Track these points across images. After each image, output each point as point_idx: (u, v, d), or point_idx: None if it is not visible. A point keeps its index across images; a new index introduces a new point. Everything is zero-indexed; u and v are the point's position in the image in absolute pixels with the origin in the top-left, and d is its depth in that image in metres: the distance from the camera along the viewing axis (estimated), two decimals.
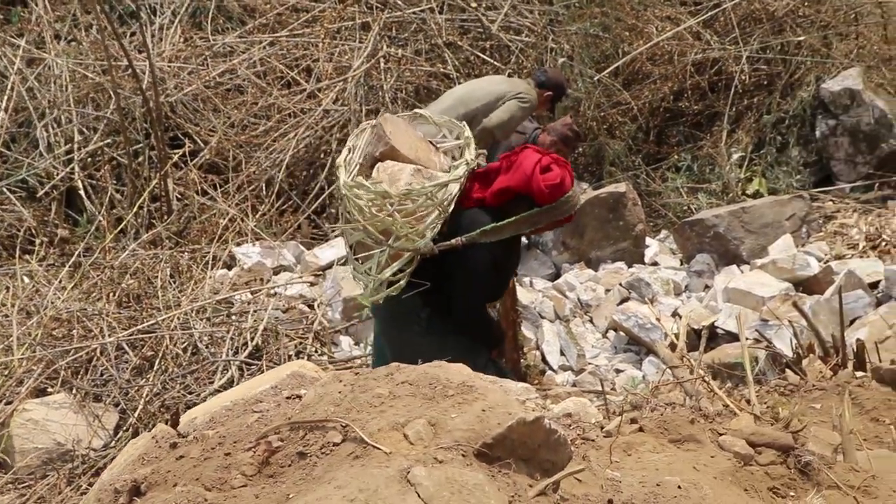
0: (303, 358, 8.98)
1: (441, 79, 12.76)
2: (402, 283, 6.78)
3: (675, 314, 10.09)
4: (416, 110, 7.84)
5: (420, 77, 12.97)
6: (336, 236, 11.57)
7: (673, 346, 9.02)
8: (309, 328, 9.47)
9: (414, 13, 13.30)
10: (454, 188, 6.78)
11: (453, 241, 6.70)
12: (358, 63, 12.68)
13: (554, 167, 6.73)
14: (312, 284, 10.47)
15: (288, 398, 3.83)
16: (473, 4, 13.52)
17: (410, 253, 6.74)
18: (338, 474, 3.31)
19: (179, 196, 11.60)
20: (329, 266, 10.88)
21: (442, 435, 3.41)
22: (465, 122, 7.47)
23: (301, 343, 9.25)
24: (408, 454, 3.35)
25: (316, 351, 9.24)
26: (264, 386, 4.11)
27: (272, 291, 9.96)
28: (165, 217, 11.30)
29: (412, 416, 3.49)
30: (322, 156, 12.32)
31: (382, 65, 12.81)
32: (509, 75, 12.33)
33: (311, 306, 9.94)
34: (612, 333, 10.09)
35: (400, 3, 13.37)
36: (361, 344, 9.53)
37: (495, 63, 12.92)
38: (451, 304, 6.96)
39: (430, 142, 7.32)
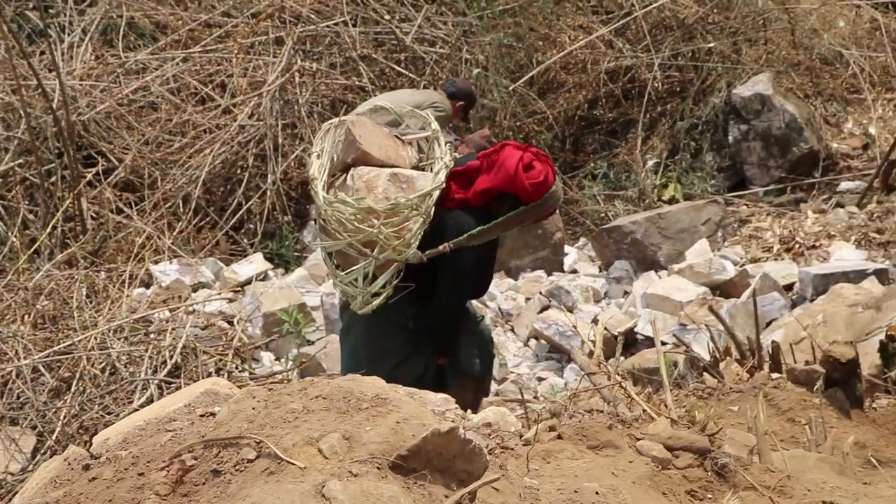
0: (223, 375, 8.92)
1: (357, 91, 12.74)
2: (390, 291, 6.81)
3: (594, 321, 10.12)
4: (377, 103, 7.97)
5: (335, 90, 12.94)
6: (254, 252, 11.52)
7: (591, 353, 9.06)
8: (229, 345, 9.38)
9: (328, 27, 13.27)
10: (436, 194, 6.77)
11: (441, 247, 6.73)
12: (272, 78, 12.62)
13: (536, 164, 6.75)
14: (231, 301, 10.43)
15: (202, 416, 3.79)
16: (387, 17, 13.52)
17: (397, 264, 6.78)
18: (252, 491, 3.28)
19: (94, 215, 11.49)
20: (248, 282, 10.85)
21: (356, 448, 3.39)
22: (428, 112, 7.56)
23: (221, 360, 9.18)
24: (322, 468, 3.33)
25: (236, 367, 9.16)
26: (177, 404, 4.06)
27: (191, 309, 9.88)
28: (80, 237, 11.15)
29: (326, 430, 3.47)
30: (239, 171, 12.25)
31: (297, 79, 12.76)
32: (424, 87, 12.35)
33: (230, 322, 9.87)
34: (533, 342, 10.12)
35: (313, 17, 13.32)
36: (282, 359, 9.49)
37: (410, 75, 12.92)
38: (434, 301, 6.97)
39: (396, 136, 7.33)
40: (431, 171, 6.99)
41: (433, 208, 6.77)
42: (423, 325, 7.03)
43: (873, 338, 8.26)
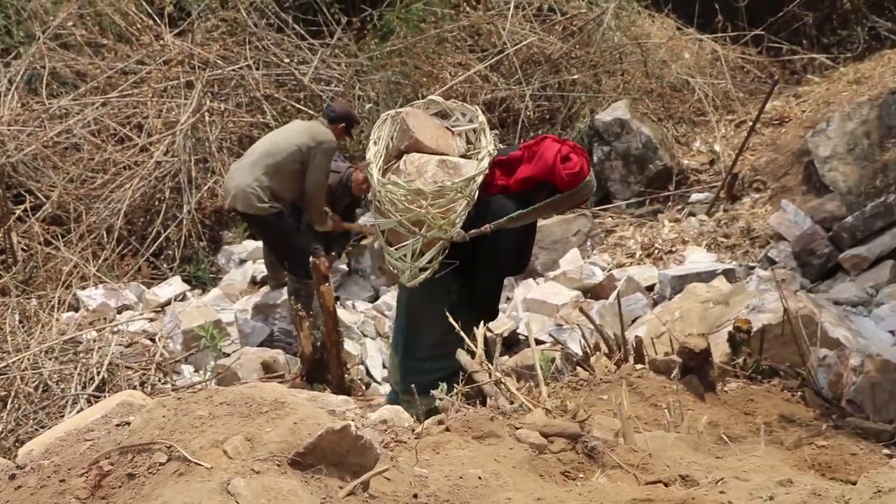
0: (147, 388, 8.86)
1: (261, 128, 12.67)
2: (436, 266, 6.96)
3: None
4: (430, 97, 7.92)
5: (242, 127, 12.89)
6: (173, 275, 11.44)
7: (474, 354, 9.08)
8: (151, 360, 9.36)
9: (233, 70, 13.20)
10: (480, 179, 6.88)
11: (483, 228, 6.82)
12: (185, 118, 12.51)
13: (573, 156, 6.82)
14: (153, 320, 10.38)
15: (117, 425, 3.75)
16: (286, 60, 13.49)
17: (443, 241, 6.90)
18: (164, 491, 3.25)
19: (24, 248, 11.31)
20: (168, 303, 10.81)
21: (258, 448, 3.38)
22: (476, 107, 7.58)
23: (145, 374, 9.11)
24: (227, 468, 3.31)
25: (159, 380, 9.11)
26: (95, 416, 4.02)
27: (116, 329, 9.80)
28: (11, 268, 10.98)
29: (230, 433, 3.45)
30: (157, 203, 12.13)
31: (207, 118, 12.67)
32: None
33: (152, 340, 9.86)
34: None
35: (220, 62, 13.25)
36: (201, 371, 9.43)
37: (310, 111, 12.85)
38: (475, 277, 7.09)
39: (447, 127, 7.38)
40: (477, 159, 7.06)
41: (477, 193, 6.88)
42: (466, 299, 7.12)
43: (723, 330, 8.37)
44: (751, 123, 11.98)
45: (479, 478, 4.18)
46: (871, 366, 7.92)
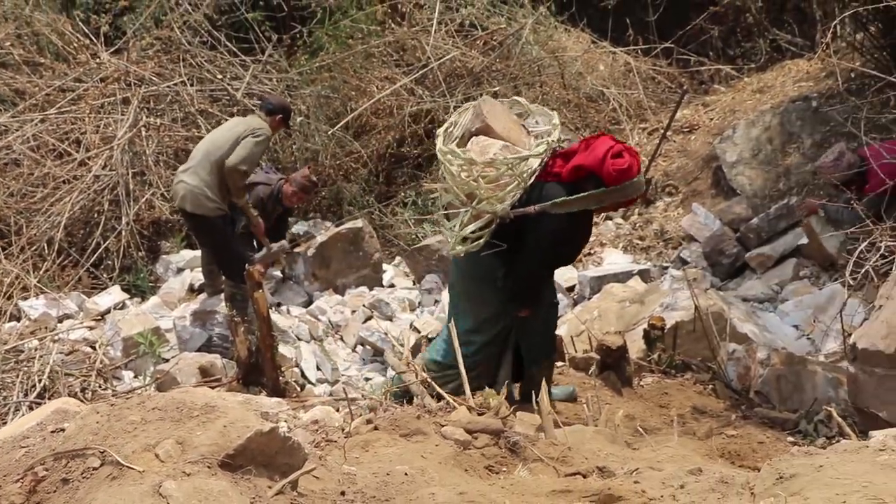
0: (88, 394, 8.75)
1: (197, 142, 12.45)
2: (481, 242, 6.78)
3: (411, 327, 10.16)
4: (515, 98, 7.72)
5: (178, 141, 12.77)
6: (113, 284, 11.33)
7: (401, 355, 9.09)
8: (92, 367, 9.22)
9: (168, 87, 13.07)
10: (534, 162, 6.69)
11: (528, 208, 6.64)
12: (122, 133, 12.38)
13: (625, 154, 6.61)
14: (93, 328, 10.24)
15: (52, 432, 3.69)
16: (220, 76, 13.39)
17: (489, 215, 6.71)
18: (98, 495, 3.21)
19: None
20: (108, 311, 10.67)
21: (189, 451, 3.35)
22: (554, 112, 7.37)
23: (85, 380, 8.99)
24: (159, 471, 3.28)
25: (99, 386, 9.00)
26: (31, 423, 3.95)
27: (56, 337, 9.67)
28: None
29: (162, 437, 3.41)
30: (96, 215, 11.98)
31: (144, 133, 12.55)
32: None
33: (93, 347, 9.71)
34: (360, 348, 10.12)
35: (155, 79, 13.12)
36: (141, 376, 9.34)
37: None
38: (518, 261, 6.85)
39: (524, 125, 7.17)
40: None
41: (532, 178, 6.72)
42: (509, 285, 6.91)
43: (639, 327, 8.42)
44: (662, 131, 12.06)
45: (406, 474, 4.17)
46: (777, 358, 8.01)
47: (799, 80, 13.10)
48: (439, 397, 6.39)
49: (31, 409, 8.14)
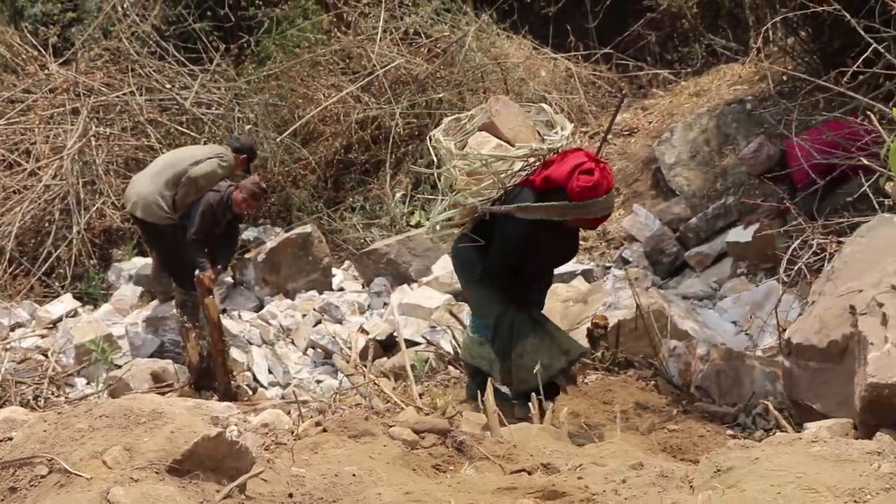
0: (40, 401, 8.67)
1: (146, 150, 12.49)
2: (453, 231, 6.92)
3: (361, 330, 10.13)
4: (542, 105, 7.61)
5: (128, 150, 12.68)
6: (65, 293, 11.24)
7: (348, 358, 9.09)
8: (44, 374, 9.13)
9: (117, 97, 12.98)
10: (516, 165, 6.64)
11: (495, 208, 6.60)
12: (72, 143, 12.26)
13: (595, 172, 6.41)
14: (45, 336, 10.15)
15: (1, 441, 3.65)
16: (168, 86, 13.30)
17: (461, 207, 6.77)
18: (46, 502, 3.18)
19: None
20: (60, 319, 10.58)
21: (136, 457, 3.32)
22: (571, 124, 7.28)
23: (38, 388, 8.90)
24: (107, 477, 3.25)
25: (52, 394, 8.91)
26: None
27: (8, 346, 9.57)
28: None
29: (109, 444, 3.38)
30: (47, 224, 11.91)
31: (94, 143, 12.43)
32: (205, 142, 12.20)
33: (45, 355, 9.63)
34: (311, 351, 10.09)
35: (104, 89, 13.01)
36: (93, 383, 9.27)
37: (192, 134, 12.71)
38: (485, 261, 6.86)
39: (539, 132, 7.05)
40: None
41: (513, 180, 6.67)
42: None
43: (582, 326, 8.42)
44: (603, 135, 12.09)
45: (354, 475, 4.16)
46: (716, 354, 8.06)
47: (733, 83, 13.21)
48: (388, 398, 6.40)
49: None
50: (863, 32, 7.30)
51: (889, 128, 5.21)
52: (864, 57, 7.38)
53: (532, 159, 6.73)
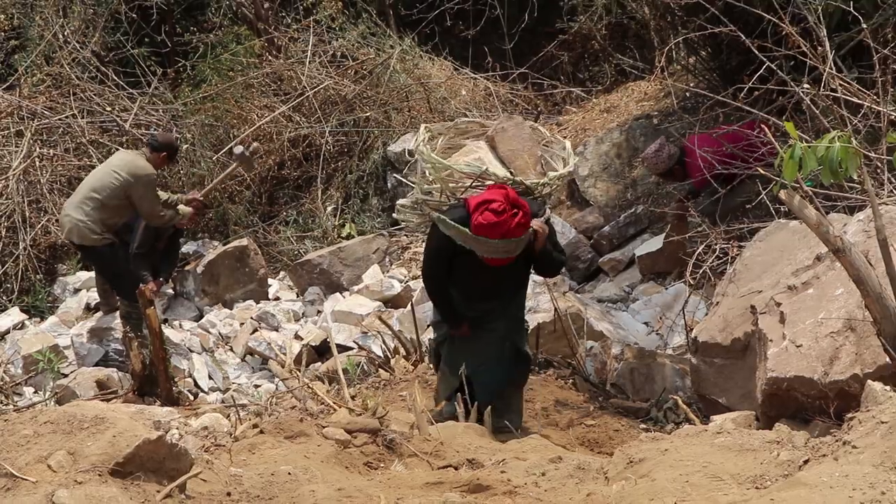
0: None
1: (89, 170, 12.12)
2: (409, 218, 6.76)
3: (296, 336, 10.10)
4: (565, 141, 7.07)
5: (71, 170, 12.52)
6: (12, 306, 11.11)
7: (283, 363, 9.05)
8: None
9: (60, 119, 12.83)
10: (462, 181, 6.27)
11: (431, 210, 6.35)
12: (16, 163, 12.09)
13: (504, 215, 5.87)
14: None
15: None
16: (109, 108, 13.17)
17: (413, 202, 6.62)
18: None
19: None
20: (8, 331, 10.49)
21: (80, 461, 3.29)
22: (569, 169, 6.80)
23: None
24: (52, 481, 3.22)
25: (1, 402, 8.78)
26: None
27: None
28: None
29: (54, 448, 3.35)
30: None
31: (38, 163, 12.27)
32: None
33: None
34: (249, 357, 10.02)
35: (47, 112, 12.86)
36: (41, 391, 9.15)
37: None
38: None
39: (542, 163, 6.68)
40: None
41: (457, 190, 6.30)
42: None
43: None
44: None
45: (289, 473, 4.16)
46: (630, 353, 8.14)
47: (641, 100, 13.33)
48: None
49: None
50: (757, 52, 7.39)
51: (782, 140, 5.29)
52: (758, 74, 7.47)
53: (486, 180, 6.29)
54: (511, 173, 6.46)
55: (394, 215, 7.03)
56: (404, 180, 7.67)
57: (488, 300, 6.52)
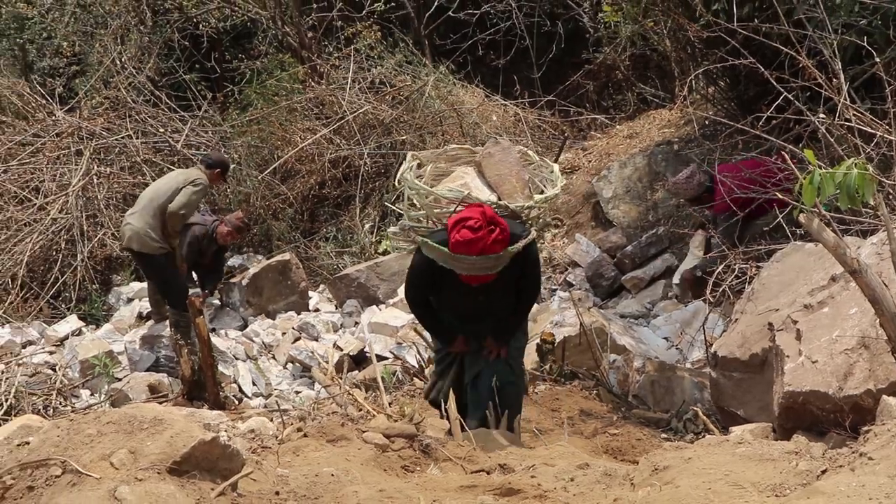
0: (50, 410, 8.59)
1: (143, 187, 12.30)
2: (396, 245, 6.50)
3: (335, 346, 10.10)
4: (553, 165, 6.66)
5: (126, 187, 12.65)
6: (70, 314, 11.20)
7: (325, 371, 9.05)
8: (53, 387, 9.07)
9: (116, 140, 12.99)
10: (447, 206, 5.87)
11: (415, 235, 6.03)
12: (76, 181, 12.26)
13: (481, 231, 5.50)
14: (53, 353, 10.08)
15: (18, 445, 3.59)
16: (161, 130, 13.32)
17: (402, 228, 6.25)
18: (60, 500, 3.17)
19: None
20: (66, 337, 10.55)
21: (140, 459, 3.30)
22: (555, 192, 6.29)
23: (47, 399, 8.83)
24: (114, 477, 3.23)
25: (60, 404, 8.84)
26: None
27: (20, 361, 9.49)
28: None
29: (116, 447, 3.36)
30: (54, 253, 11.90)
31: (95, 181, 12.43)
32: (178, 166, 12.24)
33: (54, 369, 9.57)
34: (290, 365, 10.02)
35: (105, 133, 13.03)
36: (97, 394, 9.20)
37: None
38: None
39: (530, 186, 6.26)
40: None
41: (442, 216, 5.88)
42: None
43: (532, 342, 8.41)
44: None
45: (332, 475, 4.14)
46: (651, 366, 8.10)
47: (662, 127, 13.30)
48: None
49: None
50: (775, 83, 7.36)
51: (800, 166, 5.27)
52: (776, 104, 7.45)
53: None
54: (498, 198, 6.10)
55: (383, 243, 6.76)
56: (392, 207, 7.32)
57: (480, 320, 6.20)
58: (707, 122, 11.71)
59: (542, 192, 6.28)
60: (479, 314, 6.14)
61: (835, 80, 6.95)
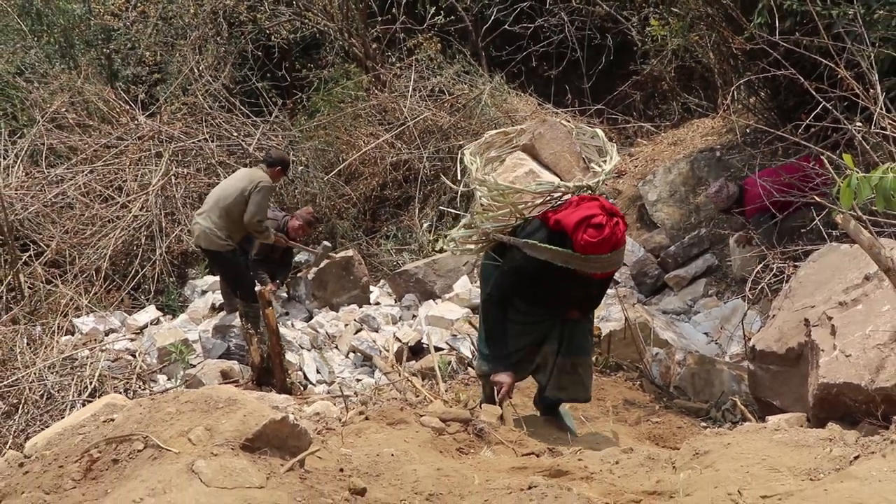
0: (130, 393, 8.71)
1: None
2: (470, 248, 5.93)
3: (395, 337, 10.14)
4: (596, 129, 6.18)
5: (202, 187, 12.72)
6: (149, 304, 11.34)
7: (386, 359, 9.09)
8: (133, 372, 9.18)
9: (193, 143, 13.11)
10: (533, 200, 5.55)
11: (507, 236, 5.62)
12: (156, 181, 12.39)
13: (606, 229, 5.28)
14: (133, 340, 10.20)
15: (104, 421, 3.67)
16: (235, 134, 13.43)
17: (477, 229, 5.77)
18: (142, 472, 3.21)
19: (30, 286, 11.07)
20: (146, 326, 10.66)
21: (216, 436, 3.35)
22: (612, 160, 5.83)
23: (128, 382, 8.96)
24: (192, 452, 3.28)
25: (139, 387, 8.96)
26: (86, 415, 3.94)
27: (104, 348, 9.61)
28: (20, 301, 10.75)
29: (193, 424, 3.42)
30: (135, 248, 12.01)
31: (174, 181, 12.56)
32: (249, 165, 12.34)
33: (134, 356, 9.68)
34: (352, 354, 10.07)
35: (182, 136, 13.16)
36: (173, 379, 9.32)
37: None
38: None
39: (585, 159, 5.84)
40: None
41: (533, 210, 5.57)
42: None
43: None
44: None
45: (392, 455, 4.18)
46: (692, 359, 8.06)
47: (705, 134, 13.21)
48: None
49: (84, 405, 8.10)
50: (814, 93, 7.30)
51: (838, 171, 5.23)
52: (815, 113, 7.39)
53: (557, 194, 5.59)
54: (580, 180, 5.68)
55: (443, 246, 6.42)
56: (448, 210, 7.04)
57: (570, 303, 5.89)
58: (748, 130, 11.62)
59: (589, 161, 5.88)
60: (577, 299, 5.86)
61: (871, 90, 6.89)
